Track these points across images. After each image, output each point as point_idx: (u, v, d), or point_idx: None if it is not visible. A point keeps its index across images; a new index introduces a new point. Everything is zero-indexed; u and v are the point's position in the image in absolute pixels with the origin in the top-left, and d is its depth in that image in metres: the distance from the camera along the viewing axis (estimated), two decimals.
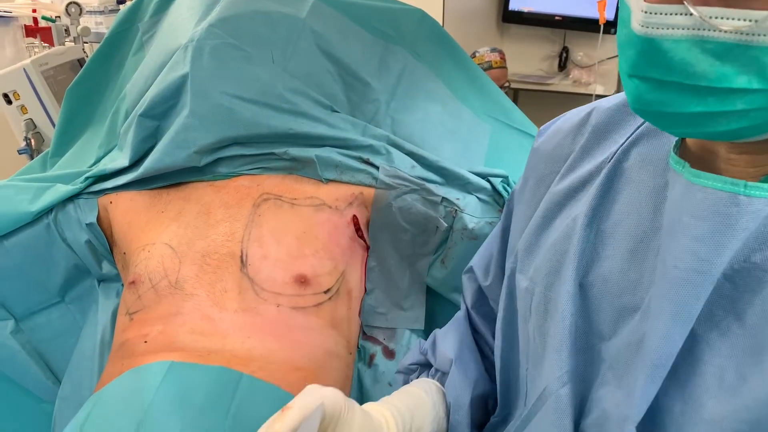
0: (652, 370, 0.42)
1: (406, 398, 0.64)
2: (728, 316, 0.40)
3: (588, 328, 0.50)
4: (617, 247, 0.49)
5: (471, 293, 0.75)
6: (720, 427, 0.39)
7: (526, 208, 0.62)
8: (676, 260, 0.41)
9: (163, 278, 0.86)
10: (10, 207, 0.97)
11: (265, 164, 0.94)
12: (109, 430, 0.72)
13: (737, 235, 0.39)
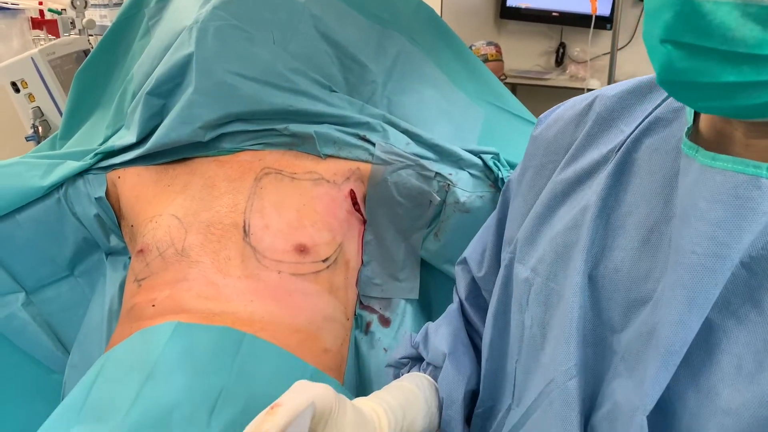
0: (665, 358, 0.41)
1: (397, 393, 0.63)
2: (746, 304, 0.39)
3: (598, 320, 0.49)
4: (628, 238, 0.48)
5: (464, 285, 0.73)
6: (737, 415, 0.38)
7: (525, 197, 0.61)
8: (693, 245, 0.40)
9: (170, 246, 0.91)
10: (22, 182, 1.02)
11: (267, 140, 0.99)
12: (118, 385, 0.76)
13: (758, 219, 0.38)
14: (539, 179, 0.59)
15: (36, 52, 1.68)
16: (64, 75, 1.77)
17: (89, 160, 1.03)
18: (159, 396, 0.73)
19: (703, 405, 0.40)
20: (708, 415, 0.40)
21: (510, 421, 0.58)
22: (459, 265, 0.74)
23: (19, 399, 1.10)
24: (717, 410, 0.39)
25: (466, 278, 0.72)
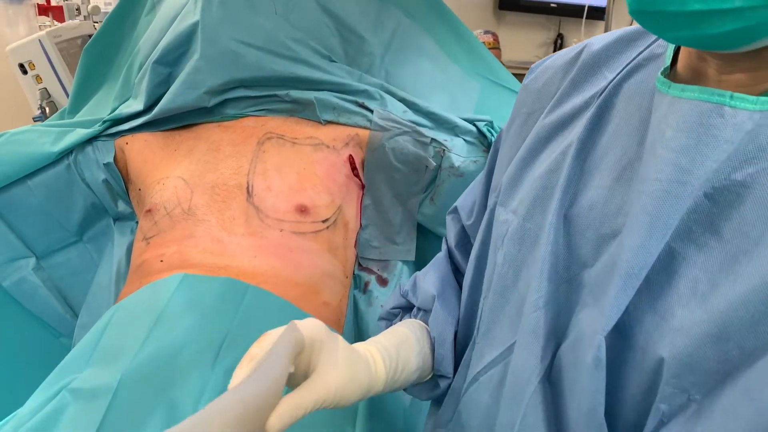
0: (625, 280, 0.42)
1: (390, 336, 0.64)
2: (706, 232, 0.40)
3: (572, 257, 0.49)
4: (602, 177, 0.49)
5: (454, 233, 0.74)
6: (689, 333, 0.39)
7: (512, 143, 0.62)
8: (657, 173, 0.41)
9: (177, 206, 0.95)
10: (33, 148, 1.06)
11: (269, 106, 1.03)
12: (127, 330, 0.80)
13: (720, 147, 0.39)
14: (526, 126, 0.61)
15: (43, 34, 1.71)
16: (70, 58, 1.81)
17: (98, 127, 1.07)
18: (167, 338, 0.77)
19: (659, 326, 0.41)
20: (661, 334, 0.41)
21: (476, 354, 0.60)
22: (450, 214, 0.76)
23: (28, 361, 1.14)
24: (670, 329, 0.40)
25: (456, 227, 0.74)
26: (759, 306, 0.36)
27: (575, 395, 0.46)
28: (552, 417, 0.49)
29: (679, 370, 0.40)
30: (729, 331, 0.37)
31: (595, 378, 0.43)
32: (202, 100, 1.00)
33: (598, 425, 0.44)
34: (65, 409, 0.72)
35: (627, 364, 0.44)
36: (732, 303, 0.37)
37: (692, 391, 0.39)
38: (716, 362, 0.38)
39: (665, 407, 0.41)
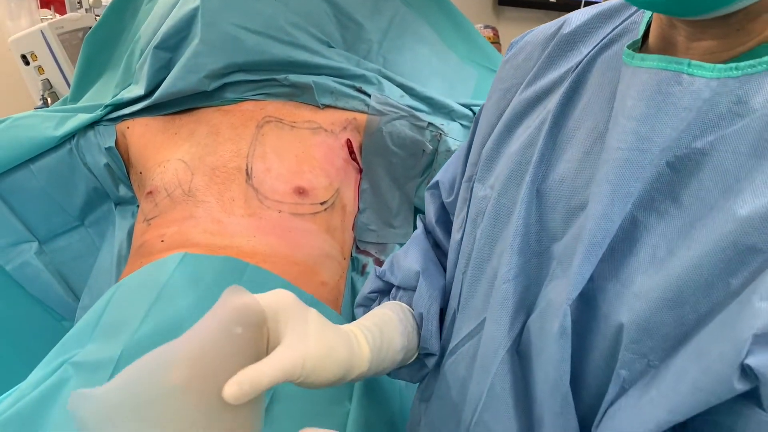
0: (588, 249, 0.42)
1: (371, 317, 0.62)
2: (666, 200, 0.41)
3: (543, 231, 0.50)
4: (573, 151, 0.49)
5: (434, 208, 0.73)
6: (646, 298, 0.40)
7: (490, 118, 0.62)
8: (619, 142, 0.42)
9: (177, 187, 0.96)
10: (36, 132, 1.07)
11: (268, 90, 1.04)
12: (128, 306, 0.82)
13: (679, 115, 0.39)
14: (503, 101, 0.60)
15: (45, 25, 1.73)
16: (71, 50, 1.82)
17: (99, 112, 1.09)
18: (167, 313, 0.78)
19: (620, 293, 0.42)
20: (621, 301, 0.41)
21: (455, 328, 0.60)
22: (429, 190, 0.74)
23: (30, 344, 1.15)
24: (629, 295, 0.41)
25: (435, 203, 0.73)
26: (712, 269, 0.37)
27: (542, 365, 0.47)
28: (521, 387, 0.50)
29: (638, 335, 0.40)
30: (684, 296, 0.38)
31: (561, 347, 0.44)
32: (202, 84, 1.01)
33: (563, 394, 0.44)
34: (67, 381, 0.73)
35: (591, 332, 0.44)
36: (687, 268, 0.38)
37: (651, 356, 0.40)
38: (673, 327, 0.39)
39: (626, 373, 0.41)
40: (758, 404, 0.34)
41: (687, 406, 0.36)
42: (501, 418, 0.50)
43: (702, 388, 0.35)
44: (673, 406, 0.37)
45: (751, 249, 0.36)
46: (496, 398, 0.51)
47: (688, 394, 0.36)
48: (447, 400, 0.61)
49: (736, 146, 0.38)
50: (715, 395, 0.35)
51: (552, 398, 0.45)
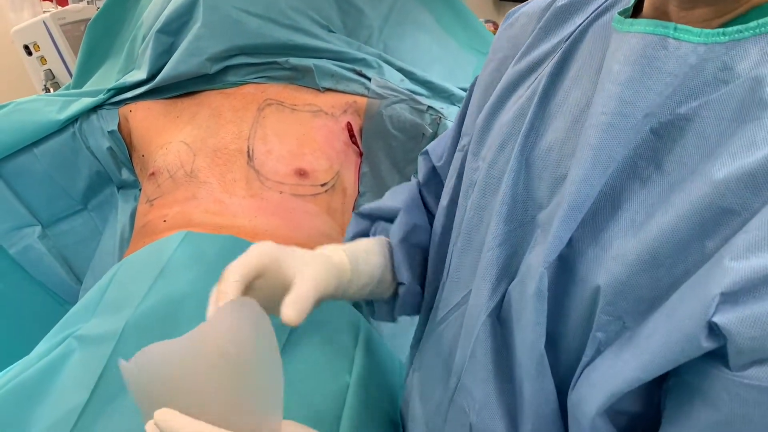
0: (568, 213, 0.42)
1: (350, 244, 0.65)
2: (650, 166, 0.41)
3: (529, 200, 0.50)
4: (562, 120, 0.49)
5: (424, 172, 0.75)
6: (623, 261, 0.40)
7: (484, 89, 0.62)
8: (603, 107, 0.41)
9: (180, 169, 0.97)
10: (39, 116, 1.08)
11: (269, 73, 1.05)
12: (131, 283, 0.83)
13: (663, 80, 0.39)
14: (497, 73, 0.60)
15: (48, 16, 1.74)
16: (73, 40, 1.83)
17: (102, 96, 1.10)
18: (170, 289, 0.79)
19: (598, 256, 0.42)
20: (600, 264, 0.41)
21: (444, 298, 0.61)
22: (422, 155, 0.76)
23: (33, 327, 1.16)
24: (607, 258, 0.41)
25: (426, 166, 0.74)
26: (687, 232, 0.37)
27: (521, 329, 0.47)
28: (502, 351, 0.50)
29: (613, 298, 0.40)
30: (660, 258, 0.38)
31: (537, 310, 0.44)
32: (203, 67, 1.03)
33: (539, 356, 0.45)
34: (71, 354, 0.74)
35: (568, 295, 0.44)
36: (664, 230, 0.38)
37: (626, 318, 0.40)
38: (648, 289, 0.39)
39: (601, 335, 0.42)
40: (724, 363, 0.34)
41: (656, 365, 0.36)
42: (480, 382, 0.51)
43: (671, 347, 0.35)
44: (643, 365, 0.37)
45: (726, 211, 0.36)
46: (476, 363, 0.51)
47: (657, 353, 0.36)
48: (434, 369, 0.62)
49: (720, 112, 0.38)
50: (683, 354, 0.35)
51: (529, 361, 0.46)
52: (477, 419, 0.52)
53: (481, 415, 0.51)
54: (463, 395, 0.54)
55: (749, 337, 0.32)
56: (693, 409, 0.37)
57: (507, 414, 0.50)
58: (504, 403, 0.50)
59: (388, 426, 0.79)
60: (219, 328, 0.45)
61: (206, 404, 0.44)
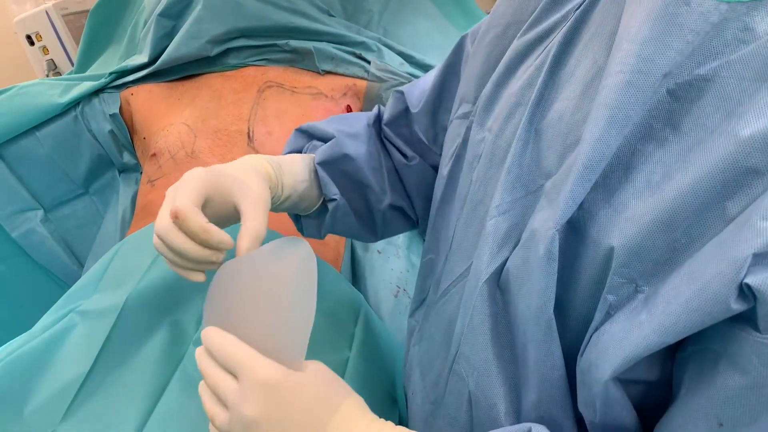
0: (582, 173, 0.41)
1: (277, 157, 0.68)
2: (666, 127, 0.39)
3: (537, 169, 0.49)
4: (573, 89, 0.47)
5: (394, 111, 0.75)
6: (639, 222, 0.39)
7: (487, 54, 0.61)
8: (620, 66, 0.40)
9: (181, 149, 0.98)
10: (42, 99, 1.09)
11: (269, 56, 1.06)
12: (133, 260, 0.83)
13: (684, 37, 0.38)
14: (502, 40, 0.59)
15: (50, 5, 1.75)
16: (75, 30, 1.84)
17: (104, 79, 1.11)
18: None
19: (611, 217, 0.41)
20: (614, 225, 0.40)
21: (446, 270, 0.61)
22: (396, 93, 0.75)
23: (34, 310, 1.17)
24: (622, 219, 0.40)
25: (398, 107, 0.74)
26: (708, 192, 0.36)
27: (524, 294, 0.46)
28: (500, 319, 0.50)
29: (627, 259, 0.39)
30: (678, 219, 0.37)
31: (547, 273, 0.43)
32: (204, 49, 1.03)
33: (546, 321, 0.44)
34: (74, 328, 0.75)
35: (579, 258, 0.43)
36: (682, 191, 0.37)
37: (639, 281, 0.39)
38: (664, 251, 0.38)
39: (612, 298, 0.41)
40: (753, 326, 0.33)
41: (680, 327, 0.35)
42: (479, 349, 0.51)
43: (696, 309, 0.34)
44: (665, 328, 0.36)
45: (751, 170, 0.35)
46: (474, 330, 0.51)
47: (681, 315, 0.35)
48: (435, 340, 0.62)
49: (741, 72, 0.37)
50: (710, 315, 0.34)
51: (536, 326, 0.45)
52: (475, 387, 0.52)
53: (479, 382, 0.51)
54: (462, 363, 0.54)
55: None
56: (718, 375, 0.36)
57: (507, 381, 0.49)
58: (503, 370, 0.50)
59: (387, 401, 0.80)
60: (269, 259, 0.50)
61: (246, 324, 0.49)
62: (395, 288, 1.00)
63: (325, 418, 0.44)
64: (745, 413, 0.34)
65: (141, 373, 0.70)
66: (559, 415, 0.46)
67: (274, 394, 0.44)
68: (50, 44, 1.78)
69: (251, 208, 0.57)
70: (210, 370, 0.48)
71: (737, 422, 0.35)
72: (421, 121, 0.73)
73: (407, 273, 1.04)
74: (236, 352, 0.46)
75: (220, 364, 0.48)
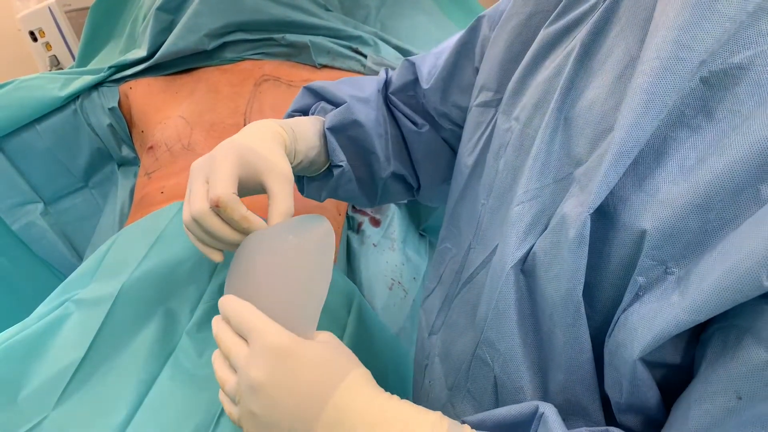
0: (616, 158, 0.41)
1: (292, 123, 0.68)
2: (698, 115, 0.40)
3: (566, 157, 0.48)
4: (605, 78, 0.47)
5: (404, 80, 0.75)
6: (673, 205, 0.39)
7: (507, 45, 0.61)
8: (657, 51, 0.40)
9: (177, 142, 0.99)
10: (42, 93, 1.10)
11: (266, 50, 1.06)
12: (129, 249, 0.84)
13: (723, 24, 0.38)
14: (526, 29, 0.59)
15: (53, 2, 1.76)
16: (78, 27, 1.86)
17: (103, 73, 1.12)
18: (164, 255, 0.81)
19: (644, 201, 0.41)
20: (646, 208, 0.41)
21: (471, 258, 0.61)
22: (406, 62, 0.76)
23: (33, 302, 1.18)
24: (655, 203, 0.40)
25: (406, 77, 0.75)
26: (743, 175, 0.37)
27: (551, 278, 0.46)
28: (526, 304, 0.50)
29: (660, 242, 0.40)
30: (712, 201, 0.38)
31: (577, 256, 0.43)
32: (201, 43, 1.04)
33: (575, 304, 0.44)
34: (69, 316, 0.76)
35: (609, 242, 0.44)
36: (717, 174, 0.37)
37: (669, 262, 0.40)
38: (696, 233, 0.39)
39: (642, 280, 0.41)
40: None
41: (711, 305, 0.36)
42: (505, 335, 0.51)
43: (728, 287, 0.35)
44: (696, 306, 0.36)
45: None
46: (499, 316, 0.51)
47: (712, 293, 0.36)
48: (457, 327, 0.62)
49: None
50: (741, 293, 0.34)
51: (564, 310, 0.45)
52: (501, 371, 0.52)
53: (505, 367, 0.51)
54: (486, 348, 0.54)
55: None
56: (741, 350, 0.36)
57: (533, 365, 0.50)
58: (529, 354, 0.50)
59: None
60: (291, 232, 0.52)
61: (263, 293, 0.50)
62: (390, 281, 1.01)
63: (330, 387, 0.44)
64: (764, 387, 0.35)
65: (134, 361, 0.71)
66: (585, 397, 0.47)
67: (282, 359, 0.45)
68: (53, 40, 1.79)
69: (279, 187, 0.57)
70: (224, 335, 0.49)
71: (755, 396, 0.35)
72: (430, 97, 0.73)
73: (402, 266, 1.04)
74: (250, 318, 0.47)
75: (234, 329, 0.49)
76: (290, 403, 0.44)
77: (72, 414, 0.65)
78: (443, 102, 0.73)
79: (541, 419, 0.43)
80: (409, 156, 0.79)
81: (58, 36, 1.79)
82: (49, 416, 0.65)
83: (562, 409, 0.48)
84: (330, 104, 0.75)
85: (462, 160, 0.67)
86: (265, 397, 0.44)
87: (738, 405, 0.36)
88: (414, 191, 0.84)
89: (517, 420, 0.45)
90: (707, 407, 0.37)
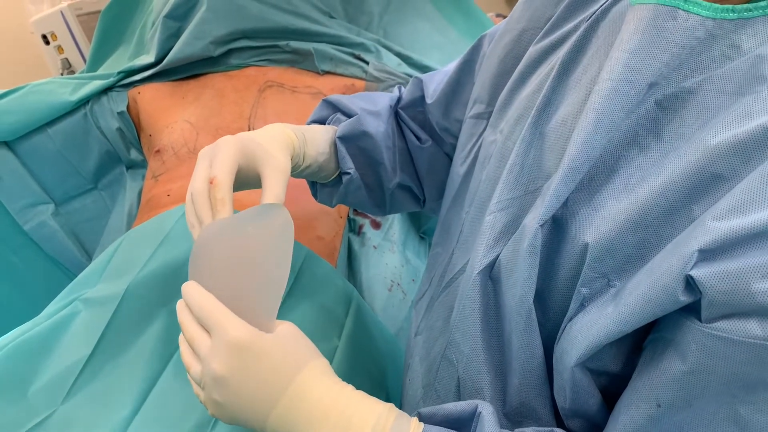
0: (567, 173, 0.43)
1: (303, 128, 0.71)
2: (649, 135, 0.42)
3: (538, 170, 0.50)
4: (578, 95, 0.49)
5: (412, 96, 0.78)
6: (613, 220, 0.41)
7: (502, 57, 0.63)
8: (609, 73, 0.42)
9: (183, 146, 1.02)
10: (53, 97, 1.13)
11: (270, 56, 1.09)
12: (136, 250, 0.87)
13: (670, 50, 0.40)
14: (517, 45, 0.61)
15: (65, 6, 1.80)
16: (89, 30, 1.89)
17: (113, 78, 1.15)
18: (170, 255, 0.83)
19: (590, 216, 0.43)
20: (590, 222, 0.43)
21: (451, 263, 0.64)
22: (415, 80, 0.79)
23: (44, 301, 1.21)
24: (598, 218, 0.42)
25: (415, 94, 0.78)
26: (677, 195, 0.38)
27: (510, 285, 0.48)
28: (491, 308, 0.52)
29: (600, 254, 0.42)
30: (648, 219, 0.39)
31: (529, 265, 0.46)
32: (207, 50, 1.07)
33: (527, 311, 0.46)
34: (77, 314, 0.79)
35: (559, 253, 0.46)
36: (654, 192, 0.39)
37: (611, 275, 0.42)
38: (634, 248, 0.40)
39: (586, 291, 0.43)
40: (697, 316, 0.35)
41: (635, 318, 0.38)
42: (469, 337, 0.53)
43: (650, 300, 0.37)
44: (623, 318, 0.38)
45: (715, 176, 0.37)
46: (465, 319, 0.53)
47: (637, 306, 0.38)
48: (435, 330, 0.65)
49: (722, 86, 0.39)
50: (661, 307, 0.36)
51: (518, 316, 0.47)
52: (464, 372, 0.54)
53: (468, 368, 0.53)
54: (453, 350, 0.56)
55: (721, 291, 0.33)
56: (663, 361, 0.38)
57: (493, 368, 0.52)
58: (491, 357, 0.52)
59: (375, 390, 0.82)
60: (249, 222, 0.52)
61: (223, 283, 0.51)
62: (389, 282, 1.03)
63: (286, 380, 0.47)
64: (681, 397, 0.37)
65: (139, 359, 0.74)
66: (538, 402, 0.49)
67: (242, 354, 0.47)
68: (65, 44, 1.83)
69: (273, 176, 0.59)
70: (187, 324, 0.50)
71: (673, 405, 0.37)
72: (433, 112, 0.76)
73: (402, 268, 1.06)
74: (212, 311, 0.48)
75: (196, 319, 0.50)
76: (250, 394, 0.47)
77: (79, 408, 0.68)
78: (445, 117, 0.76)
79: (479, 418, 0.45)
80: (415, 169, 0.82)
81: (69, 39, 1.83)
82: (57, 410, 0.67)
83: (517, 412, 0.50)
84: (345, 116, 0.78)
85: (455, 169, 0.69)
86: (227, 388, 0.47)
87: (658, 412, 0.38)
88: (421, 202, 0.87)
89: (461, 416, 0.47)
90: (632, 413, 0.40)
